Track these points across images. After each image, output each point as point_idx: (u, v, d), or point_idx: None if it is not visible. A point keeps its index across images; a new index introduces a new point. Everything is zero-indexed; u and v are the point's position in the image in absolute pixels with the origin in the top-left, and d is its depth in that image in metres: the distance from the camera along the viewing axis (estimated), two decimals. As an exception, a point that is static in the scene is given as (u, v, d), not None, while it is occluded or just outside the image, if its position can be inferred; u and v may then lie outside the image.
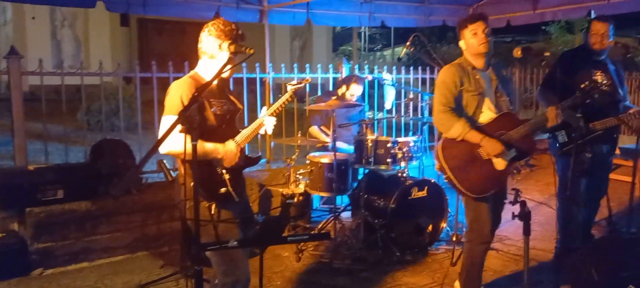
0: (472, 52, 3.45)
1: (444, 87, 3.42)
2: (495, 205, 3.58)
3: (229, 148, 2.83)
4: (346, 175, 5.01)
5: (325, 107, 4.95)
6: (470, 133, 3.34)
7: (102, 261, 4.70)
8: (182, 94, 2.70)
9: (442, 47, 19.33)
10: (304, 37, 18.01)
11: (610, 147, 4.38)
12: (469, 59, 3.50)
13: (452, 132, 3.36)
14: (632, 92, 9.33)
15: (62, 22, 14.50)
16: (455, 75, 3.42)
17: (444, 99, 3.40)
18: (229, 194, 2.81)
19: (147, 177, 5.45)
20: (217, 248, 2.30)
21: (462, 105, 3.45)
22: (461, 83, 3.41)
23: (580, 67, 4.20)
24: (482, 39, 3.36)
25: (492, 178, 3.40)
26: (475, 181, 3.40)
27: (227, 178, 2.81)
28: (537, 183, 7.55)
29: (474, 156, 3.39)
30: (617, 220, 5.32)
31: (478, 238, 3.58)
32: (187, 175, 2.74)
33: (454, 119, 3.36)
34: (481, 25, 3.37)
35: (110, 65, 8.83)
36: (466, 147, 3.39)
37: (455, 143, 3.40)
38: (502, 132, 3.38)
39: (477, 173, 3.40)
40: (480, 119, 3.46)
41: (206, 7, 6.26)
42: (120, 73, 5.61)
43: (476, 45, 3.39)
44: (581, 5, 6.62)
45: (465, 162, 3.39)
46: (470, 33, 3.41)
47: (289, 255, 4.75)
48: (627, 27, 22.31)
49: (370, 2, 7.13)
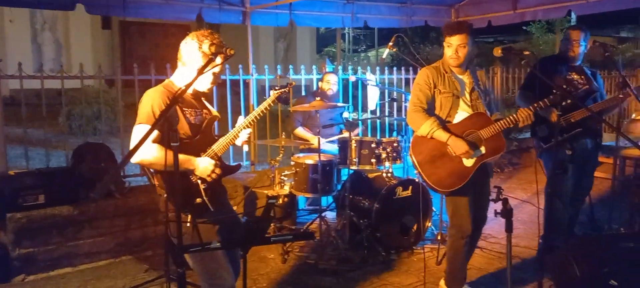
0: (446, 60, 3.66)
1: (417, 88, 3.65)
2: (478, 202, 3.67)
3: (205, 164, 2.75)
4: (331, 176, 5.01)
5: (308, 107, 4.96)
6: (438, 132, 3.51)
7: (85, 266, 4.65)
8: (153, 104, 2.66)
9: (425, 48, 19.46)
10: (288, 39, 18.00)
11: (595, 143, 4.47)
12: (447, 61, 3.66)
13: (422, 129, 3.55)
14: (612, 91, 9.47)
15: (43, 25, 14.31)
16: (429, 77, 3.62)
17: (417, 99, 3.62)
18: (204, 204, 2.76)
19: (130, 180, 5.40)
20: (198, 249, 2.28)
21: (436, 105, 3.62)
22: (435, 85, 3.61)
23: (558, 70, 4.35)
24: (453, 54, 3.57)
25: (460, 175, 3.53)
26: (443, 176, 3.55)
27: (202, 188, 2.76)
28: (520, 181, 7.64)
29: (443, 152, 3.55)
30: (598, 217, 5.40)
31: (458, 233, 3.67)
32: (160, 186, 2.72)
33: (424, 118, 3.55)
34: (458, 40, 3.53)
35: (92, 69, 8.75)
36: (435, 144, 3.56)
37: (425, 140, 3.58)
38: (471, 131, 3.52)
39: (446, 169, 3.54)
40: (455, 119, 3.60)
41: (188, 9, 6.22)
42: (101, 76, 5.55)
43: (447, 56, 3.62)
44: (561, 5, 6.70)
45: (434, 157, 3.56)
46: (445, 43, 3.61)
47: (275, 256, 4.75)
48: (606, 26, 22.69)
49: (353, 3, 7.15)
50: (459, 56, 3.56)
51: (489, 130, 3.49)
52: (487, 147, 3.53)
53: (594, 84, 4.39)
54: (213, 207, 2.78)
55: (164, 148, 2.57)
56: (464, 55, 3.55)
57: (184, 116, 2.76)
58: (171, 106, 2.26)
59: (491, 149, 3.53)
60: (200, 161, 2.74)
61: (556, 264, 3.82)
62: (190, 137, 2.76)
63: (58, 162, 6.32)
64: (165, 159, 2.49)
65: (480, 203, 3.71)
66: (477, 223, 3.73)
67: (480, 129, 3.50)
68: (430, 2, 7.76)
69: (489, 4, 7.52)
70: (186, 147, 2.70)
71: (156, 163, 2.63)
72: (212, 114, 2.95)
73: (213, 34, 2.74)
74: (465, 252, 3.76)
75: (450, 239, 3.78)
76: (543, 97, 3.47)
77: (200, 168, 2.74)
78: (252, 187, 5.61)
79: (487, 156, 3.54)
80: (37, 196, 4.53)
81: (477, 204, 3.67)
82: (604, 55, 4.11)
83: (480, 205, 3.71)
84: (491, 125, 3.50)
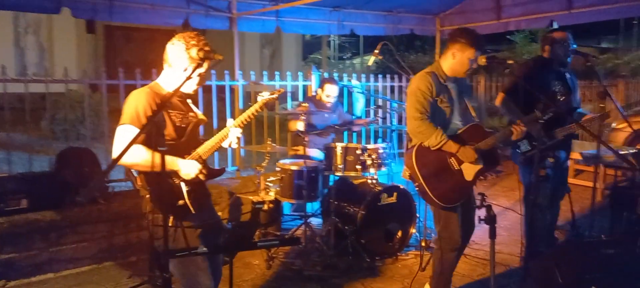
0: (457, 69, 3.48)
1: (419, 94, 3.41)
2: (466, 212, 3.62)
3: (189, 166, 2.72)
4: (316, 182, 5.02)
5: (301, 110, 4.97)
6: (448, 143, 3.37)
7: (67, 272, 4.59)
8: (138, 105, 2.64)
9: (410, 56, 19.58)
10: (274, 45, 18.00)
11: (567, 153, 4.58)
12: (443, 68, 3.52)
13: (430, 141, 3.37)
14: (592, 101, 9.63)
15: (26, 29, 14.14)
16: (431, 84, 3.42)
17: (420, 106, 3.39)
18: (186, 207, 2.72)
19: (114, 185, 5.36)
20: (186, 254, 2.27)
21: (433, 114, 3.45)
22: (437, 92, 3.43)
23: (543, 77, 4.37)
24: (469, 68, 3.44)
25: (460, 189, 3.45)
26: (445, 190, 3.42)
27: (185, 191, 2.72)
28: (503, 189, 7.70)
29: (445, 166, 3.42)
30: (579, 224, 5.47)
31: (448, 246, 3.60)
32: (143, 187, 2.69)
33: (432, 128, 3.37)
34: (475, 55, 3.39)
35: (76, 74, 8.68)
36: (439, 156, 3.41)
37: (430, 151, 3.41)
38: (473, 143, 3.43)
39: (448, 183, 3.43)
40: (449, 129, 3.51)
41: (175, 15, 6.21)
42: (86, 80, 5.51)
43: (466, 69, 3.45)
44: (543, 15, 6.82)
45: (437, 170, 3.42)
46: (472, 55, 3.40)
47: (260, 262, 4.73)
48: (587, 37, 23.06)
49: (340, 11, 7.20)
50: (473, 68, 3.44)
51: (488, 142, 3.42)
52: (485, 160, 3.46)
53: (573, 97, 4.44)
54: (195, 210, 2.74)
55: (149, 149, 2.57)
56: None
57: (170, 118, 2.73)
58: (159, 110, 2.24)
59: (488, 163, 3.48)
60: (183, 163, 2.71)
61: (538, 271, 3.86)
62: (175, 139, 2.74)
63: (41, 166, 6.25)
64: (149, 161, 2.48)
65: (469, 213, 3.64)
66: (467, 232, 3.68)
67: (479, 141, 3.43)
68: (415, 11, 7.84)
69: (474, 14, 7.63)
70: (171, 149, 2.67)
71: (140, 165, 2.61)
72: (199, 117, 2.93)
73: (199, 36, 2.73)
74: (455, 263, 3.75)
75: (439, 251, 3.67)
76: (527, 104, 3.51)
77: (183, 170, 2.70)
78: (238, 193, 5.60)
79: (485, 169, 3.48)
80: (19, 201, 4.49)
81: (466, 214, 3.61)
82: (586, 64, 4.17)
83: (469, 215, 3.64)
84: (488, 138, 3.43)
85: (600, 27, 21.29)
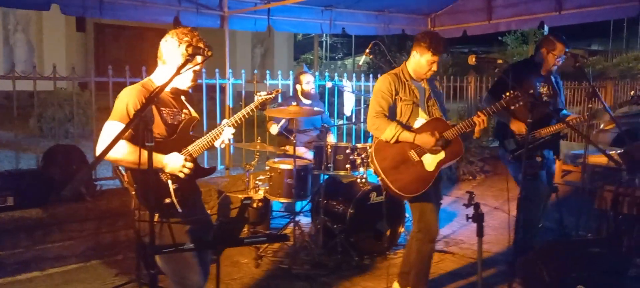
0: (417, 71, 3.67)
1: (379, 95, 3.63)
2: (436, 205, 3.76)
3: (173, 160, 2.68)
4: (306, 181, 5.02)
5: (283, 113, 4.96)
6: (404, 133, 3.53)
7: (53, 270, 4.56)
8: (128, 102, 2.62)
9: (402, 57, 19.62)
10: (265, 45, 17.98)
11: (554, 153, 4.61)
12: (407, 70, 3.71)
13: (386, 134, 3.54)
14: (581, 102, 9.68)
15: (15, 26, 14.03)
16: (391, 84, 3.63)
17: (379, 105, 3.61)
18: (172, 204, 2.69)
19: (101, 183, 5.32)
20: (172, 250, 2.26)
21: (397, 112, 3.64)
22: (396, 92, 3.63)
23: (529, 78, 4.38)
24: (429, 70, 3.62)
25: (422, 179, 3.57)
26: (407, 182, 3.57)
27: (172, 188, 2.69)
28: (491, 188, 7.74)
29: (405, 158, 3.58)
30: (566, 223, 5.50)
31: (426, 236, 3.71)
32: (129, 184, 2.67)
33: (387, 122, 3.56)
34: (438, 58, 3.57)
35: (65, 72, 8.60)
36: (398, 149, 3.58)
37: (388, 145, 3.58)
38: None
39: (409, 174, 3.57)
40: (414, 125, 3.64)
41: (165, 12, 6.16)
42: (75, 77, 5.47)
43: (424, 72, 3.65)
44: (534, 16, 6.85)
45: (397, 163, 3.58)
46: (430, 59, 3.58)
47: (248, 261, 4.72)
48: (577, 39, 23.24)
49: (331, 10, 7.19)
50: (433, 71, 3.63)
51: (449, 133, 3.55)
52: (447, 150, 3.59)
53: (558, 99, 4.48)
54: (183, 208, 2.71)
55: (136, 146, 2.54)
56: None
57: (160, 115, 2.71)
58: (146, 106, 2.22)
59: (451, 153, 3.61)
60: (168, 158, 2.67)
61: (525, 269, 3.89)
62: (165, 137, 2.72)
63: (28, 164, 6.18)
64: (135, 157, 2.46)
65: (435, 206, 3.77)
66: None
67: (441, 132, 3.55)
68: (407, 11, 7.85)
69: (465, 14, 7.65)
70: (161, 146, 2.65)
71: (126, 161, 2.59)
72: (191, 115, 2.90)
73: (193, 32, 2.72)
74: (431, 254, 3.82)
75: (416, 243, 3.77)
76: None
77: (168, 165, 2.67)
78: (227, 192, 5.58)
79: (446, 160, 3.61)
80: (5, 198, 4.44)
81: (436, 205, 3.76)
82: (575, 65, 4.20)
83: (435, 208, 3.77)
84: (449, 129, 3.56)
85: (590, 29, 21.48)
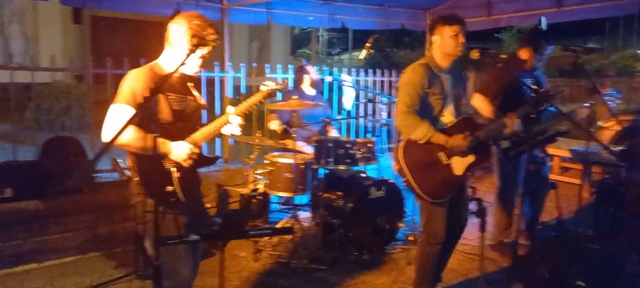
0: (446, 51, 3.39)
1: (410, 87, 3.34)
2: (456, 208, 3.54)
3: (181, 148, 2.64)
4: (305, 176, 5.00)
5: (286, 106, 4.94)
6: (436, 135, 3.31)
7: (51, 262, 4.52)
8: (135, 85, 2.55)
9: (399, 52, 19.63)
10: (263, 39, 17.93)
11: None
12: (436, 59, 3.45)
13: (417, 134, 3.31)
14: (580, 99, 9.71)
15: (10, 18, 13.92)
16: (423, 76, 3.34)
17: (410, 99, 3.32)
18: (174, 193, 2.63)
19: (99, 176, 5.29)
20: (177, 242, 2.23)
21: (425, 107, 3.38)
22: (429, 84, 3.35)
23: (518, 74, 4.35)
24: (459, 43, 3.34)
25: (449, 184, 3.39)
26: (433, 185, 3.36)
27: (176, 177, 2.63)
28: (492, 185, 7.71)
29: (434, 160, 3.36)
30: (566, 220, 5.51)
31: (432, 239, 3.52)
32: (132, 169, 2.61)
33: (418, 121, 3.31)
34: (462, 29, 3.35)
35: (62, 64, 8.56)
36: (427, 150, 3.35)
37: (417, 145, 3.34)
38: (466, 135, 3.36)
39: (436, 178, 3.37)
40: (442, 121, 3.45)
41: (164, 4, 6.13)
42: (73, 68, 5.43)
43: (453, 46, 3.35)
44: (534, 12, 6.85)
45: (425, 164, 3.36)
46: (451, 32, 3.34)
47: (247, 255, 4.70)
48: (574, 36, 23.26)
49: (330, 4, 7.18)
50: (461, 43, 3.33)
51: (480, 134, 3.35)
52: (477, 152, 3.39)
53: None
54: (184, 197, 2.66)
55: (141, 131, 2.51)
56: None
57: (167, 101, 2.64)
58: (154, 94, 2.19)
59: (480, 155, 3.41)
60: (175, 145, 2.62)
61: (525, 265, 3.89)
62: (171, 123, 2.65)
63: (25, 157, 6.15)
64: (142, 143, 2.42)
65: (460, 210, 3.58)
66: (457, 229, 3.63)
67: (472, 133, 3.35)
68: (406, 6, 7.84)
69: (465, 10, 7.62)
70: (166, 132, 2.60)
71: (130, 146, 2.53)
72: (198, 102, 2.85)
73: (202, 18, 2.67)
74: (439, 257, 3.63)
75: (421, 245, 3.63)
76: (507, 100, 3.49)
77: (175, 152, 2.62)
78: (225, 186, 5.55)
79: (476, 163, 3.41)
80: (3, 190, 4.42)
81: (456, 211, 3.53)
82: (576, 61, 4.20)
83: (459, 212, 3.58)
84: (481, 130, 3.37)
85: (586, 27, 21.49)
